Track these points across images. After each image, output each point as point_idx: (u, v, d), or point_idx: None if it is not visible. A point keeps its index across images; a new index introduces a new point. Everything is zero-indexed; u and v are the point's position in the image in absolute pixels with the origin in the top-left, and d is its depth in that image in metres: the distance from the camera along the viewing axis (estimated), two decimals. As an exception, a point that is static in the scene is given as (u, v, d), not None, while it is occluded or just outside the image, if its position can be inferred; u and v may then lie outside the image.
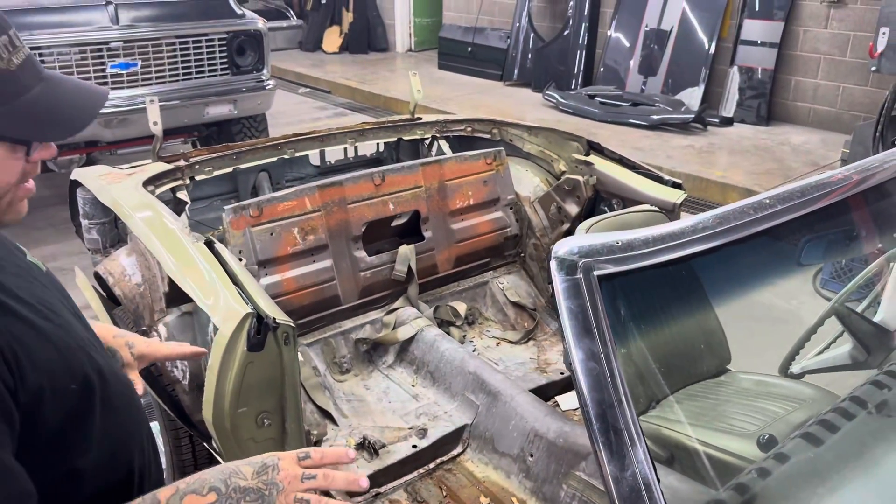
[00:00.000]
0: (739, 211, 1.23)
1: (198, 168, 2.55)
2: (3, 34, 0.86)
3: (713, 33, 6.67)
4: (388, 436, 2.23)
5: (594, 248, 1.11)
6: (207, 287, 1.79)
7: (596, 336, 1.04)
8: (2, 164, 0.87)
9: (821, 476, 1.10)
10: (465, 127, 3.15)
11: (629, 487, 0.96)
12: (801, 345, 1.64)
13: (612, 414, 1.00)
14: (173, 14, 4.34)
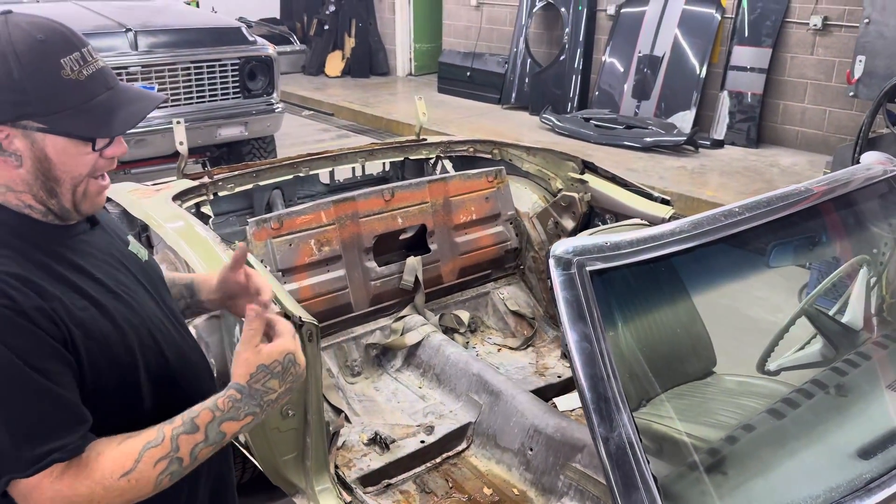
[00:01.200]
0: (712, 218, 1.42)
1: (221, 185, 2.74)
2: (77, 51, 1.03)
3: (704, 59, 6.93)
4: (398, 432, 2.40)
5: (587, 247, 1.31)
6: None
7: (588, 321, 1.23)
8: (73, 158, 1.04)
9: (780, 442, 1.28)
10: (468, 147, 3.35)
11: (616, 445, 1.14)
12: (776, 343, 1.82)
13: (601, 385, 1.18)
14: (189, 40, 4.57)
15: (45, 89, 1.00)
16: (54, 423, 0.99)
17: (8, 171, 1.03)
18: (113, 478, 1.01)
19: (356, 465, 2.25)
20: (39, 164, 1.03)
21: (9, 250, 1.02)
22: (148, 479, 1.03)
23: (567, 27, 7.98)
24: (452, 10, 9.58)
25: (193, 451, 1.06)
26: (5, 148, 1.01)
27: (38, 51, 1.00)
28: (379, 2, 10.62)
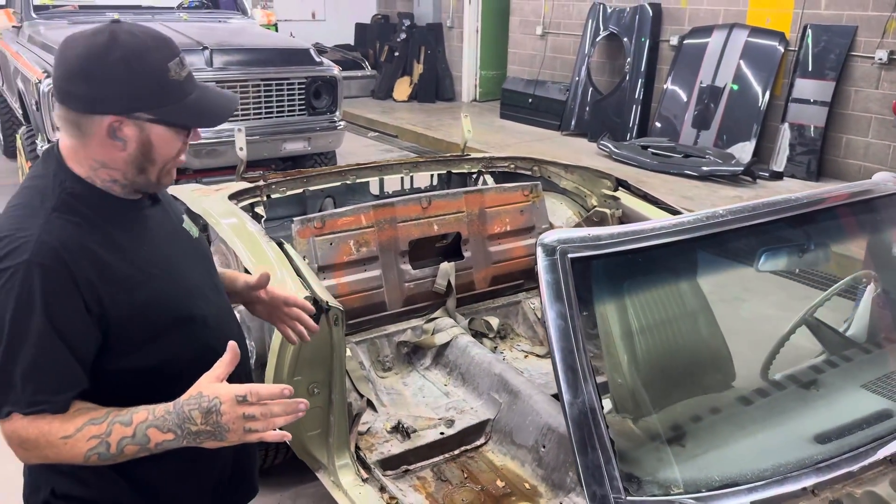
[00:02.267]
0: (695, 218, 1.53)
1: (273, 188, 2.99)
2: (177, 56, 1.23)
3: (766, 91, 6.90)
4: (420, 423, 2.55)
5: (571, 238, 1.45)
6: (276, 276, 2.19)
7: (564, 301, 1.36)
8: (170, 143, 1.24)
9: (742, 424, 1.37)
10: (509, 164, 3.51)
11: (579, 410, 1.26)
12: (777, 351, 1.89)
13: (571, 357, 1.31)
14: (260, 60, 4.91)
15: (155, 88, 1.19)
16: (58, 381, 1.15)
17: (113, 152, 1.21)
18: (56, 436, 1.13)
19: (378, 450, 2.41)
20: (142, 148, 1.22)
21: (79, 218, 1.20)
22: (79, 450, 1.13)
23: (629, 57, 8.08)
24: (518, 39, 9.82)
25: (120, 444, 1.13)
26: (116, 134, 1.19)
27: (149, 55, 1.19)
28: (448, 30, 10.97)
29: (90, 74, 1.16)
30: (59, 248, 1.15)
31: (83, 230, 1.19)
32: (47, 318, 1.13)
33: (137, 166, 1.23)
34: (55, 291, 1.13)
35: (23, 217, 1.18)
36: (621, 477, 1.18)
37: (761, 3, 7.07)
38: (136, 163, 1.22)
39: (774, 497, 1.18)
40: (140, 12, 5.78)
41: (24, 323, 1.12)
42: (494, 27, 10.57)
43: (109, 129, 1.18)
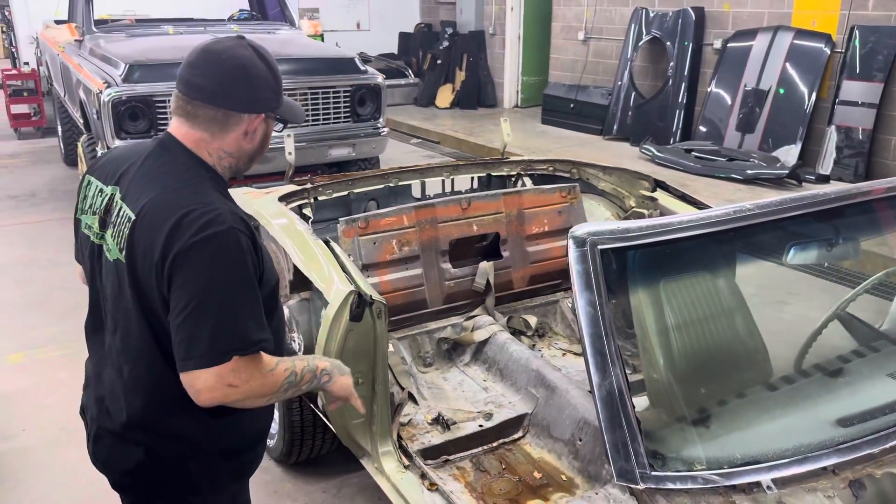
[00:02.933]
0: (723, 212, 1.59)
1: (320, 190, 3.12)
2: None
3: (812, 93, 6.81)
4: (459, 416, 2.63)
5: (601, 231, 1.52)
6: (324, 272, 2.31)
7: (594, 290, 1.44)
8: (269, 137, 1.46)
9: (767, 408, 1.42)
10: (547, 166, 3.59)
11: (607, 391, 1.34)
12: (809, 345, 1.92)
13: (599, 342, 1.38)
14: (308, 69, 5.09)
15: (278, 91, 1.47)
16: (263, 324, 1.37)
17: (243, 144, 1.44)
18: (266, 369, 1.36)
19: (419, 440, 2.50)
20: (263, 140, 1.47)
21: (231, 200, 1.43)
22: (278, 378, 1.38)
23: (672, 61, 8.06)
24: (560, 44, 9.86)
25: (303, 372, 1.45)
26: (253, 130, 1.44)
27: (273, 65, 1.47)
28: (490, 38, 11.07)
29: (249, 81, 1.41)
30: (245, 218, 1.40)
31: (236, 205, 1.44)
32: (252, 272, 1.36)
33: (252, 156, 1.49)
34: (251, 251, 1.36)
35: (196, 194, 1.37)
36: (646, 453, 1.25)
37: (807, 4, 6.99)
38: (254, 153, 1.48)
39: (795, 475, 1.23)
40: (193, 25, 6.03)
41: (238, 277, 1.33)
42: (536, 34, 10.64)
43: (250, 125, 1.43)
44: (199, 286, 1.29)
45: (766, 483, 1.23)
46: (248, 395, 1.34)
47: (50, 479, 2.86)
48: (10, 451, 3.00)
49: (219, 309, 1.29)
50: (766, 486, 1.22)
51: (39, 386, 3.50)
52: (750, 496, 1.23)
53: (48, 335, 3.98)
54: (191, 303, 1.28)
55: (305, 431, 2.72)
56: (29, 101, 9.16)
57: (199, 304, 1.28)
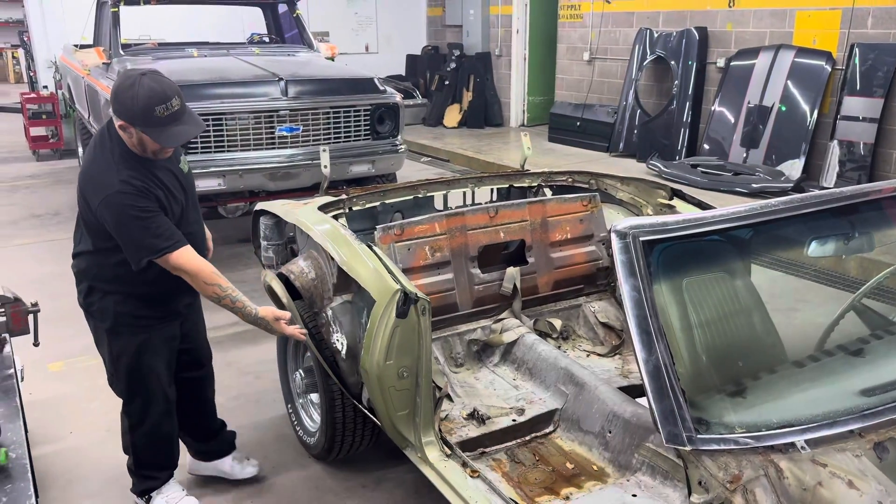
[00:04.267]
0: (752, 207, 1.75)
1: (355, 201, 3.28)
2: (165, 102, 2.25)
3: (814, 109, 7.01)
4: (493, 411, 2.77)
5: (642, 224, 1.68)
6: (370, 273, 2.46)
7: (638, 276, 1.59)
8: (151, 143, 2.31)
9: (796, 381, 1.56)
10: (567, 178, 3.76)
11: (653, 365, 1.48)
12: (829, 332, 2.06)
13: (645, 322, 1.54)
14: (330, 89, 5.28)
15: (144, 116, 2.23)
16: (168, 231, 2.31)
17: (127, 137, 2.31)
18: (192, 270, 2.35)
19: (456, 433, 2.64)
20: (140, 140, 2.30)
21: (128, 169, 2.30)
22: (215, 286, 2.42)
23: (677, 79, 8.28)
24: (566, 65, 10.11)
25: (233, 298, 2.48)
26: (128, 130, 2.28)
27: (147, 99, 2.21)
28: (497, 59, 11.33)
29: (117, 98, 2.26)
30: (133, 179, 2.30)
31: (136, 172, 2.31)
32: (142, 211, 2.30)
33: (140, 147, 2.32)
34: (137, 198, 2.30)
35: (102, 168, 2.33)
36: (692, 419, 1.39)
37: (808, 24, 7.22)
38: (138, 148, 2.32)
39: (825, 437, 1.38)
40: (216, 48, 6.25)
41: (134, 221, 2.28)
42: (541, 54, 10.89)
43: (121, 126, 2.28)
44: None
45: (800, 443, 1.37)
46: (191, 282, 2.38)
47: (100, 476, 2.99)
48: (60, 452, 3.13)
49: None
50: (801, 446, 1.37)
51: (81, 392, 3.64)
52: (786, 455, 1.37)
53: (84, 345, 4.10)
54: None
55: (346, 428, 2.85)
56: (47, 123, 9.38)
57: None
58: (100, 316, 2.50)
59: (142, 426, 2.63)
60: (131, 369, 2.53)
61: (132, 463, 2.73)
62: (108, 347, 2.54)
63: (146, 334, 2.52)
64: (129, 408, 2.63)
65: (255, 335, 4.32)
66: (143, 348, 2.52)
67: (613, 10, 9.19)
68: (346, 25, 11.95)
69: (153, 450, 2.69)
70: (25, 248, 5.87)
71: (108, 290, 2.46)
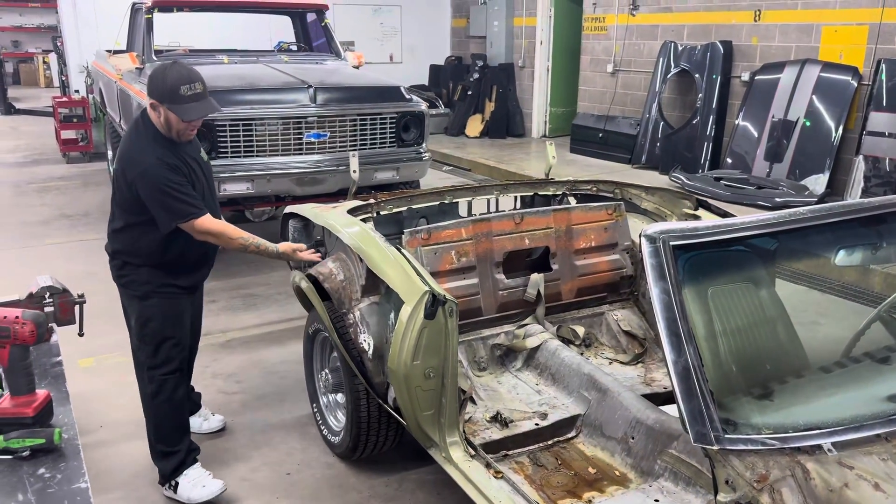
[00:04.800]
0: (781, 215, 1.78)
1: (383, 205, 3.34)
2: (190, 83, 2.62)
3: (839, 124, 6.99)
4: (516, 415, 2.80)
5: (672, 229, 1.71)
6: (399, 274, 2.51)
7: (667, 279, 1.63)
8: (177, 122, 2.63)
9: (823, 385, 1.59)
10: (591, 186, 3.79)
11: (683, 366, 1.51)
12: (856, 340, 2.08)
13: (674, 325, 1.57)
14: (357, 97, 5.36)
15: (170, 95, 2.58)
16: (194, 200, 2.66)
17: (156, 117, 2.64)
18: (217, 231, 2.73)
19: (479, 436, 2.67)
20: (166, 119, 2.62)
21: (159, 147, 2.64)
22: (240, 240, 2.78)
23: (701, 93, 8.28)
24: (589, 76, 10.14)
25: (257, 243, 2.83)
26: (157, 110, 2.62)
27: (174, 80, 2.58)
28: (520, 70, 11.40)
29: (151, 80, 2.65)
30: (165, 157, 2.65)
31: (166, 150, 2.65)
32: (175, 182, 2.65)
33: (166, 127, 2.65)
34: (170, 172, 2.66)
35: (136, 147, 2.67)
36: (720, 420, 1.42)
37: (834, 38, 7.20)
38: (166, 124, 2.64)
39: (852, 440, 1.40)
40: (246, 55, 6.36)
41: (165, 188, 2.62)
42: (565, 66, 10.94)
43: (151, 104, 2.63)
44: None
45: (827, 446, 1.39)
46: (219, 244, 2.81)
47: (130, 469, 3.06)
48: (91, 445, 3.20)
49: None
50: (827, 449, 1.39)
51: (111, 387, 3.72)
52: (813, 457, 1.39)
53: (114, 342, 4.20)
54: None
55: (371, 427, 2.89)
56: (78, 127, 9.58)
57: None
58: (132, 285, 2.81)
59: (162, 392, 2.85)
60: (157, 333, 2.81)
61: (153, 438, 2.90)
62: (138, 313, 2.83)
63: (173, 301, 2.83)
64: (152, 373, 2.85)
65: (282, 336, 4.40)
66: (168, 314, 2.82)
67: (638, 22, 9.23)
68: (371, 35, 12.09)
69: (172, 416, 2.89)
70: (57, 248, 6.00)
71: (140, 263, 2.77)
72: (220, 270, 5.18)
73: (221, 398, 3.66)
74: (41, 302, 1.82)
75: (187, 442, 2.93)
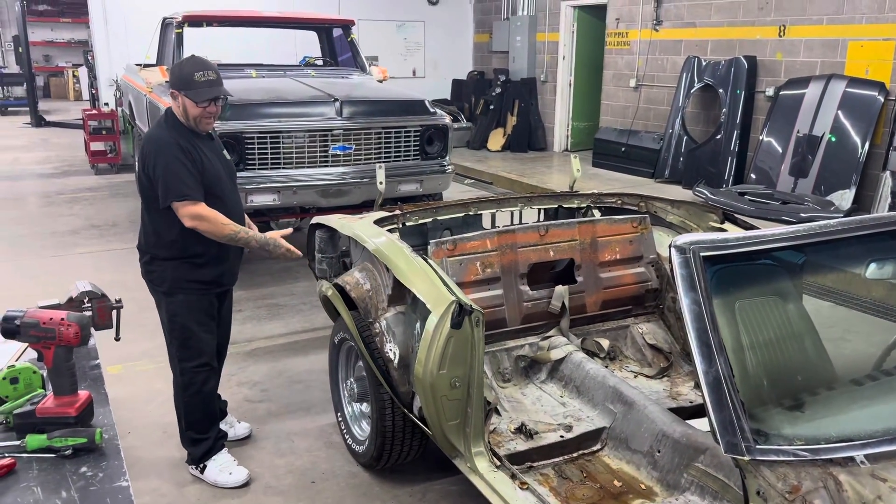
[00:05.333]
0: (810, 227, 1.78)
1: (408, 216, 3.37)
2: (204, 70, 2.81)
3: (865, 140, 6.92)
4: (541, 427, 2.80)
5: (702, 240, 1.72)
6: (426, 284, 2.54)
7: (698, 290, 1.63)
8: (193, 107, 2.80)
9: (854, 398, 1.58)
10: (616, 200, 3.79)
11: (713, 377, 1.52)
12: (886, 356, 2.06)
13: (705, 335, 1.57)
14: (383, 110, 5.43)
15: (186, 82, 2.77)
16: (194, 185, 2.78)
17: (176, 107, 2.84)
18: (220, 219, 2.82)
19: (504, 447, 2.68)
20: (184, 107, 2.81)
21: (177, 133, 2.81)
22: (227, 229, 2.83)
23: (724, 108, 8.26)
24: (611, 91, 10.16)
25: (246, 234, 2.89)
26: (177, 99, 2.81)
27: (191, 69, 2.79)
28: (542, 84, 11.44)
29: (171, 72, 2.89)
30: (179, 139, 2.82)
31: (181, 136, 2.82)
32: (183, 161, 2.80)
33: (184, 115, 2.83)
34: (179, 153, 2.80)
35: (158, 129, 2.87)
36: (751, 430, 1.42)
37: (860, 53, 7.16)
38: (184, 113, 2.82)
39: (885, 452, 1.39)
40: (274, 69, 6.47)
41: (172, 164, 2.78)
42: (587, 81, 10.97)
43: (172, 94, 2.83)
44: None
45: (859, 458, 1.38)
46: (207, 231, 2.80)
47: (157, 474, 3.10)
48: (119, 450, 3.25)
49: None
50: (860, 461, 1.38)
51: (139, 394, 3.78)
52: (845, 469, 1.39)
53: (142, 349, 4.27)
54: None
55: (395, 437, 2.91)
56: (107, 139, 9.77)
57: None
58: (158, 281, 2.94)
59: (192, 385, 2.97)
60: (184, 327, 2.94)
61: (184, 426, 3.06)
62: (165, 308, 2.96)
63: (196, 296, 2.95)
64: (182, 365, 2.97)
65: (306, 346, 4.43)
66: (194, 308, 2.94)
67: (661, 37, 9.23)
68: (394, 50, 12.23)
69: (202, 408, 3.02)
70: (86, 257, 6.11)
71: (165, 257, 2.90)
72: (245, 280, 5.24)
73: (247, 406, 3.70)
74: (80, 306, 1.86)
75: (216, 430, 3.10)
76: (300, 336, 4.59)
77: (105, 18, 10.46)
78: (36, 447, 1.43)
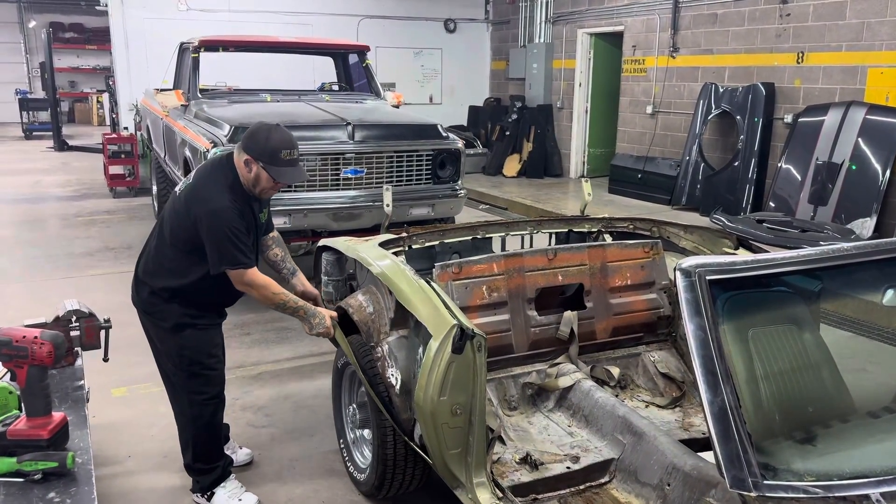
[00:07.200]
0: (822, 251, 1.70)
1: (415, 239, 3.33)
2: (289, 149, 2.76)
3: (886, 167, 6.80)
4: (547, 457, 2.71)
5: (708, 263, 1.65)
6: (427, 307, 2.48)
7: (703, 315, 1.56)
8: (266, 181, 2.76)
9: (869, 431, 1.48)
10: (628, 224, 3.72)
11: (719, 407, 1.44)
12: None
13: (710, 363, 1.50)
14: (395, 134, 5.42)
15: (270, 156, 2.70)
16: (249, 252, 2.71)
17: (245, 171, 2.73)
18: (272, 286, 2.74)
19: (508, 477, 2.59)
20: (256, 176, 2.73)
21: (234, 195, 2.72)
22: (276, 298, 2.76)
23: (742, 135, 8.18)
24: (628, 117, 10.12)
25: (293, 302, 2.81)
26: (250, 165, 2.71)
27: (276, 143, 2.71)
28: (558, 111, 11.44)
29: (252, 137, 2.73)
30: (237, 202, 2.73)
31: (238, 199, 2.73)
32: (238, 228, 2.70)
33: (252, 183, 2.75)
34: (237, 217, 2.72)
35: (216, 190, 2.73)
36: (758, 464, 1.33)
37: (880, 81, 7.07)
38: (253, 180, 2.74)
39: (904, 491, 1.30)
40: (288, 94, 6.51)
41: (229, 232, 2.67)
42: (603, 107, 10.95)
43: (246, 159, 2.72)
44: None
45: (875, 496, 1.29)
46: (258, 297, 2.76)
47: (155, 499, 3.04)
48: (118, 475, 3.20)
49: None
50: (875, 499, 1.29)
51: (142, 417, 3.73)
52: (861, 508, 1.30)
53: (148, 372, 4.21)
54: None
55: (397, 465, 2.83)
56: (125, 162, 9.88)
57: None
58: (161, 316, 2.85)
59: (202, 417, 2.91)
60: (193, 360, 2.85)
61: (191, 459, 2.97)
62: (173, 342, 2.86)
63: (206, 331, 2.90)
64: (192, 397, 2.90)
65: (314, 371, 4.38)
66: (203, 342, 2.88)
67: (678, 64, 9.20)
68: (411, 77, 12.32)
69: (210, 439, 2.96)
70: (99, 279, 6.13)
71: (173, 297, 2.82)
72: (254, 304, 5.20)
73: (250, 431, 3.64)
74: (67, 325, 1.82)
75: (224, 458, 3.04)
76: (308, 360, 4.54)
77: (126, 44, 10.65)
78: (4, 471, 1.38)
